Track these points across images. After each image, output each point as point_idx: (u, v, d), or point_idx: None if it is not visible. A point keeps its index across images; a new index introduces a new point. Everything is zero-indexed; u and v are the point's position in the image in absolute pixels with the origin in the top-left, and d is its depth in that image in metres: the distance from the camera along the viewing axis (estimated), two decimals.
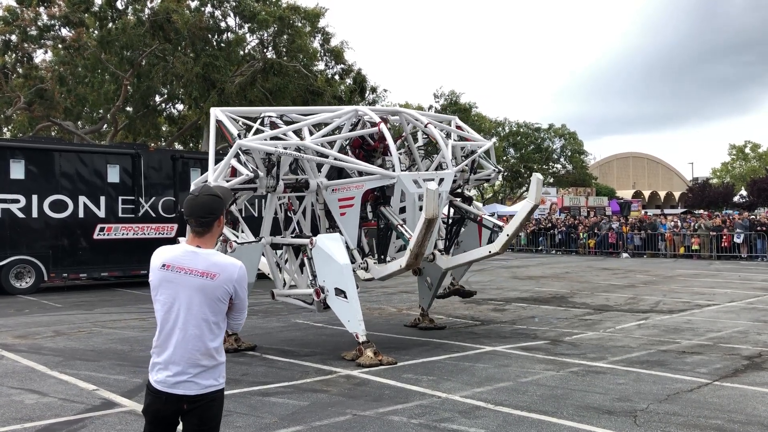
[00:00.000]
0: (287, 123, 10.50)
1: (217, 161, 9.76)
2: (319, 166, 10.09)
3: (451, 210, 11.08)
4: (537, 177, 9.80)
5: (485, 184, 11.54)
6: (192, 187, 10.45)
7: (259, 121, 10.33)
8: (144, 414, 3.48)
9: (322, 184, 9.92)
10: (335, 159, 9.89)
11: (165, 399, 3.35)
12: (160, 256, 3.45)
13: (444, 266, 10.88)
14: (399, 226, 9.65)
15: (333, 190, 9.94)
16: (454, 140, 11.05)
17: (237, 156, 9.42)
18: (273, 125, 10.31)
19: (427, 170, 10.58)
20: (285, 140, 9.76)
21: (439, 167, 10.59)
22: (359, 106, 10.57)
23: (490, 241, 10.47)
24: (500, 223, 10.46)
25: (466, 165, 10.84)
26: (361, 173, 9.95)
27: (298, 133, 10.23)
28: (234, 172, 9.67)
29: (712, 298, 15.34)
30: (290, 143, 9.64)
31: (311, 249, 9.16)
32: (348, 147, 10.47)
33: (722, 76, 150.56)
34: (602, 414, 6.37)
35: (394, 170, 9.65)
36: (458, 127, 11.46)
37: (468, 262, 10.99)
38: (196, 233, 3.45)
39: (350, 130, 10.35)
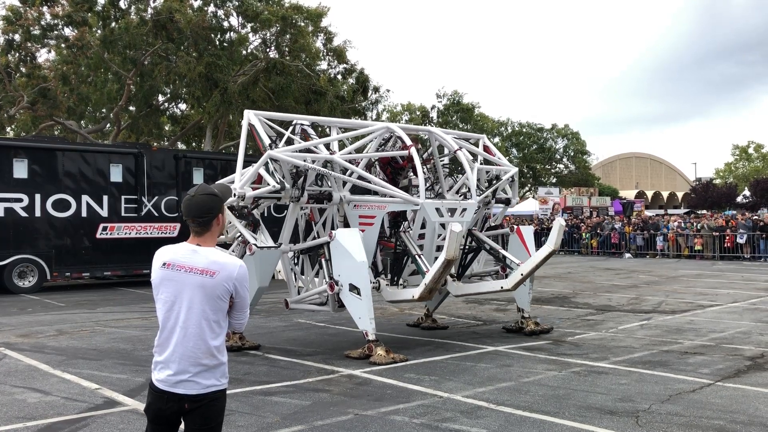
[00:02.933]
0: (316, 129, 10.64)
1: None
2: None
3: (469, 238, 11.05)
4: (560, 223, 9.80)
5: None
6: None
7: (290, 129, 10.41)
8: (146, 413, 3.48)
9: (345, 198, 9.96)
10: (361, 178, 10.03)
11: (166, 398, 3.36)
12: (161, 255, 3.47)
13: (454, 293, 10.91)
14: (417, 257, 9.67)
15: (355, 206, 10.00)
16: (480, 163, 11.05)
17: (266, 165, 9.54)
18: (304, 133, 10.43)
19: (449, 189, 10.66)
20: (315, 152, 9.88)
21: (462, 190, 10.66)
22: (391, 124, 10.67)
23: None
24: (516, 261, 10.27)
25: (490, 193, 10.90)
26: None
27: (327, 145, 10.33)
28: (260, 179, 9.78)
29: (714, 298, 15.32)
30: (319, 157, 9.75)
31: (330, 242, 9.20)
32: (377, 162, 10.56)
33: (725, 75, 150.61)
34: (604, 414, 6.37)
35: (418, 194, 9.73)
36: (486, 148, 11.48)
37: (477, 293, 11.05)
38: (195, 233, 3.46)
39: (380, 146, 10.50)
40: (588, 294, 16.47)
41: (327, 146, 10.21)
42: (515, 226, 11.33)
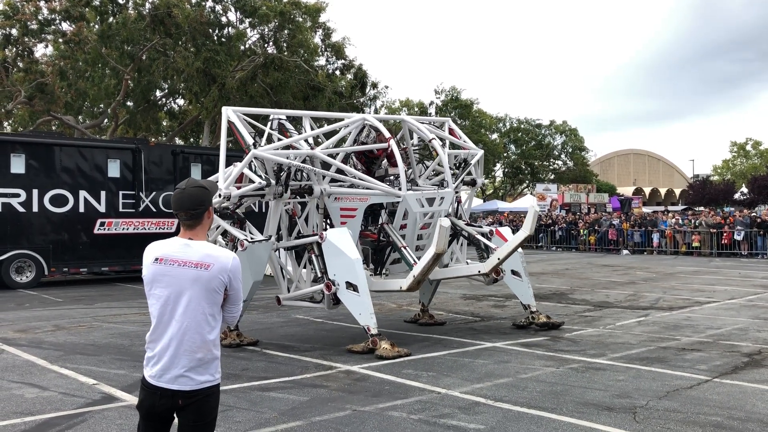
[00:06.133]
0: (293, 123, 10.80)
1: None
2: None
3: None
4: (534, 210, 9.98)
5: (474, 188, 11.65)
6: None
7: (269, 124, 10.49)
8: (138, 409, 3.44)
9: (326, 191, 10.02)
10: (343, 172, 10.10)
11: (160, 394, 3.32)
12: (152, 251, 3.43)
13: (432, 277, 10.95)
14: (403, 249, 9.81)
15: (336, 198, 10.07)
16: (447, 148, 11.19)
17: (249, 163, 9.62)
18: (281, 126, 10.52)
19: (420, 176, 10.87)
20: (296, 148, 10.00)
21: (437, 176, 10.91)
22: (367, 116, 10.83)
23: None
24: (492, 245, 10.44)
25: (462, 180, 11.06)
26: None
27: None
28: (241, 178, 9.81)
29: (712, 295, 15.34)
30: (301, 153, 9.88)
31: (321, 243, 9.26)
32: (352, 153, 10.68)
33: (722, 72, 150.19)
34: (602, 410, 6.38)
35: (399, 185, 9.89)
36: (451, 131, 11.58)
37: (456, 276, 11.24)
38: (186, 226, 3.44)
39: (356, 136, 10.61)
40: (586, 290, 16.49)
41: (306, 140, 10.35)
42: (493, 229, 11.37)
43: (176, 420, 3.41)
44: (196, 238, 3.43)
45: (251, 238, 9.44)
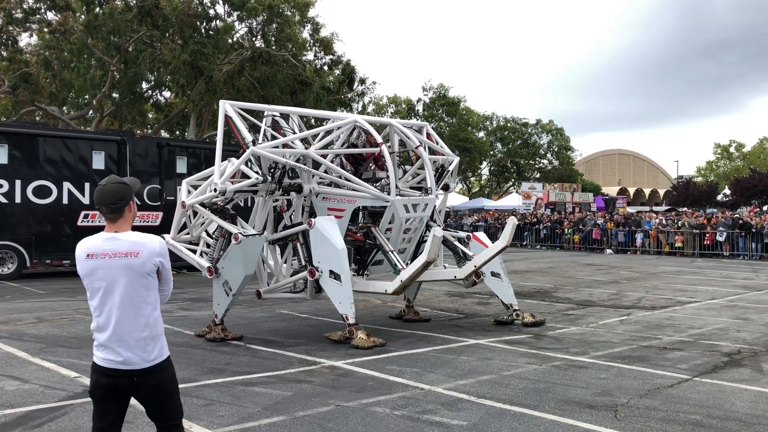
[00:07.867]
0: (285, 119, 10.96)
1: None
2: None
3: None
4: (513, 221, 10.13)
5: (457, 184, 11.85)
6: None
7: (264, 121, 10.58)
8: (91, 395, 3.62)
9: (314, 190, 10.08)
10: (337, 174, 10.21)
11: (114, 375, 3.52)
12: (82, 247, 3.63)
13: None
14: (390, 253, 9.93)
15: (324, 198, 10.12)
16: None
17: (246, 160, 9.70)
18: (275, 123, 10.65)
19: (400, 179, 11.02)
20: (291, 147, 10.11)
21: (414, 179, 11.24)
22: (358, 118, 10.89)
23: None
24: (470, 253, 10.70)
25: (442, 186, 11.35)
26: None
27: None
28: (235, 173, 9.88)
29: (693, 295, 15.50)
30: (295, 152, 9.99)
31: (309, 231, 9.37)
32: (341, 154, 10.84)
33: (707, 75, 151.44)
34: (583, 408, 6.43)
35: (387, 190, 10.06)
36: (428, 136, 11.72)
37: (433, 280, 11.42)
38: (109, 220, 3.65)
39: (347, 137, 10.76)
40: (569, 289, 16.60)
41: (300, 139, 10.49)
42: (470, 234, 11.67)
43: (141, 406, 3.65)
44: (121, 230, 3.64)
45: (244, 233, 9.49)
